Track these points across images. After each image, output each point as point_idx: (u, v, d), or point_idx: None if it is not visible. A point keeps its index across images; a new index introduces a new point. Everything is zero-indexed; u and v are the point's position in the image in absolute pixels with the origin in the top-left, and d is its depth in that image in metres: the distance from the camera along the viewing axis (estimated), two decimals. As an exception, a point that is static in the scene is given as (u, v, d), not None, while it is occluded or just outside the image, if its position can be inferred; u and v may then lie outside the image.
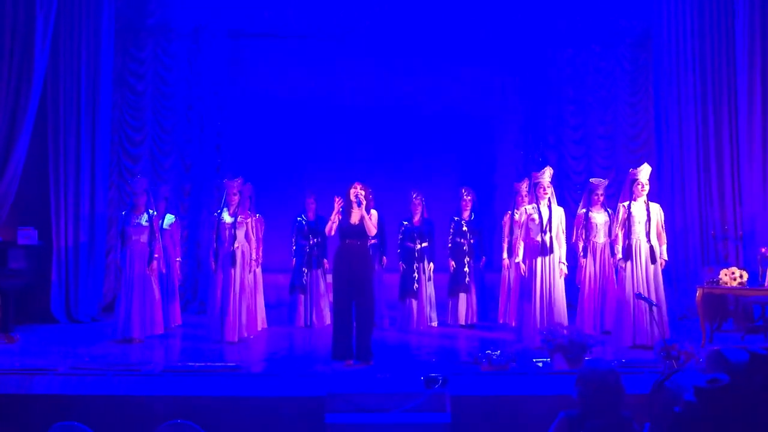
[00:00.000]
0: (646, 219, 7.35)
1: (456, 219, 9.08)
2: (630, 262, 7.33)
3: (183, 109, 10.74)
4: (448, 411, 5.48)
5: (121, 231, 7.99)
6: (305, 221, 9.17)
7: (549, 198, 7.59)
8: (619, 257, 7.43)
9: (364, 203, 6.71)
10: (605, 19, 10.69)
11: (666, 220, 7.76)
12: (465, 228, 8.99)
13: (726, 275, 7.53)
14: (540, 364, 6.33)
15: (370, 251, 7.10)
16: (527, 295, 7.56)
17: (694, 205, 9.58)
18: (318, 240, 9.08)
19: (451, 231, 9.05)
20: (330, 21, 10.56)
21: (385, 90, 11.27)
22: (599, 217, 8.35)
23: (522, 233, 7.68)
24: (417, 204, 9.00)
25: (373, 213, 6.82)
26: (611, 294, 8.06)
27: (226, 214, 7.97)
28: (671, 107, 9.73)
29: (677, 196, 9.63)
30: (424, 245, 8.94)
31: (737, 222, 9.43)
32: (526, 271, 7.56)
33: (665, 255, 7.46)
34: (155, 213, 8.16)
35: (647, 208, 7.39)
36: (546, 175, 7.61)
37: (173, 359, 7.09)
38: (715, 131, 9.58)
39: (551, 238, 7.45)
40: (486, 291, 9.44)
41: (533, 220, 7.54)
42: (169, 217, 9.01)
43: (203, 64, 10.75)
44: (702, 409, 2.13)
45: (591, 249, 8.31)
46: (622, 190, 7.85)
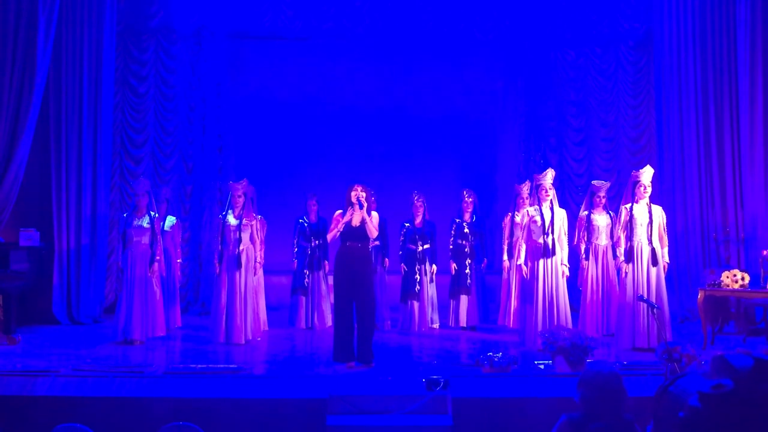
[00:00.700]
0: (648, 221, 7.34)
1: (457, 221, 9.08)
2: (631, 264, 7.33)
3: (185, 111, 10.75)
4: (449, 413, 5.48)
5: (123, 233, 7.97)
6: (307, 223, 9.18)
7: (551, 200, 7.60)
8: (621, 259, 7.43)
9: (365, 205, 6.69)
10: (607, 22, 10.69)
11: (667, 222, 7.76)
12: (466, 230, 8.99)
13: (727, 277, 7.53)
14: (542, 366, 6.32)
15: (371, 253, 7.11)
16: (529, 298, 7.55)
17: (695, 208, 9.56)
18: (320, 242, 9.08)
19: (453, 233, 9.04)
20: (331, 23, 10.56)
21: (387, 92, 11.29)
22: (601, 220, 8.34)
23: (524, 235, 7.68)
24: (419, 206, 9.00)
25: (374, 215, 6.80)
26: (614, 297, 8.05)
27: (231, 216, 7.95)
28: (673, 109, 9.72)
29: (678, 198, 9.61)
30: (425, 247, 8.95)
31: (739, 224, 9.41)
32: (528, 274, 7.55)
33: (667, 257, 7.45)
34: (157, 215, 8.15)
35: (649, 210, 7.38)
36: (548, 177, 7.61)
37: (175, 361, 7.08)
38: (717, 133, 9.57)
39: (553, 240, 7.45)
40: (487, 293, 9.45)
41: (535, 222, 7.54)
42: (171, 219, 9.01)
43: (205, 65, 10.76)
44: (706, 415, 2.14)
45: (593, 251, 8.30)
46: (624, 192, 7.85)
